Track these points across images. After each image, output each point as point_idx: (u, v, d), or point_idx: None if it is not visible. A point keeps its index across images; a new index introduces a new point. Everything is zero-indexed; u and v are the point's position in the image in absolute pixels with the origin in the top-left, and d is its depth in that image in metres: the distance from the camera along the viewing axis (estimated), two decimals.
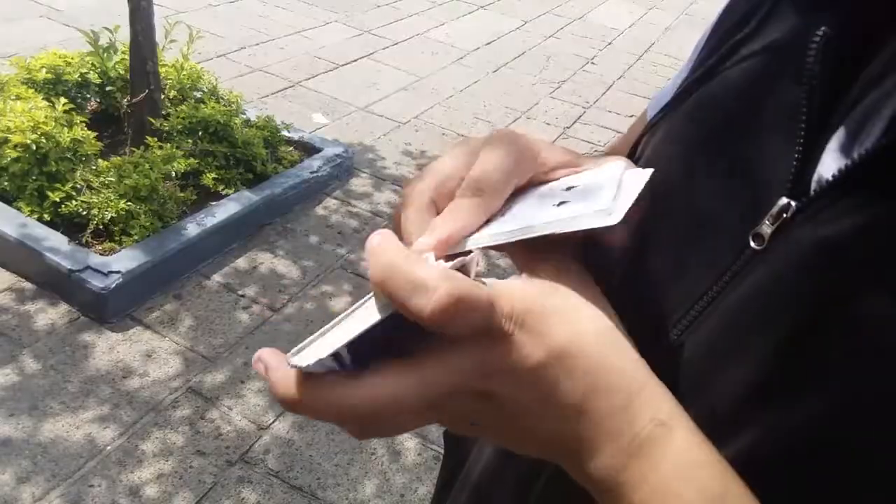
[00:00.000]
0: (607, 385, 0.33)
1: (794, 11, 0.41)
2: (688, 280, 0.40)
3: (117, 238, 2.44)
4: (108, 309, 2.29)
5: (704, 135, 0.43)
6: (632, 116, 4.52)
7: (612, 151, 0.64)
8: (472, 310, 0.31)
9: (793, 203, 0.36)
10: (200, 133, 2.85)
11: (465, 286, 0.30)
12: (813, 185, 0.36)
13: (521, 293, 0.34)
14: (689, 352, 0.39)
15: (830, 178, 0.34)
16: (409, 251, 0.33)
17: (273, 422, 2.08)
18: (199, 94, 3.22)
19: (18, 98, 2.64)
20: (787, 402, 0.33)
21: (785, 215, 0.36)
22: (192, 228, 2.57)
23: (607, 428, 0.33)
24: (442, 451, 2.25)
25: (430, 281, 0.30)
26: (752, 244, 0.37)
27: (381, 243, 0.32)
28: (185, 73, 3.20)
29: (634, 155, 0.51)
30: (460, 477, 0.60)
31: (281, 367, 0.33)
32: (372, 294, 0.34)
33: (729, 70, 0.44)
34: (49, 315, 2.29)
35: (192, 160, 2.72)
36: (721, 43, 0.46)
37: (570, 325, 0.34)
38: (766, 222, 0.37)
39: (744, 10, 0.46)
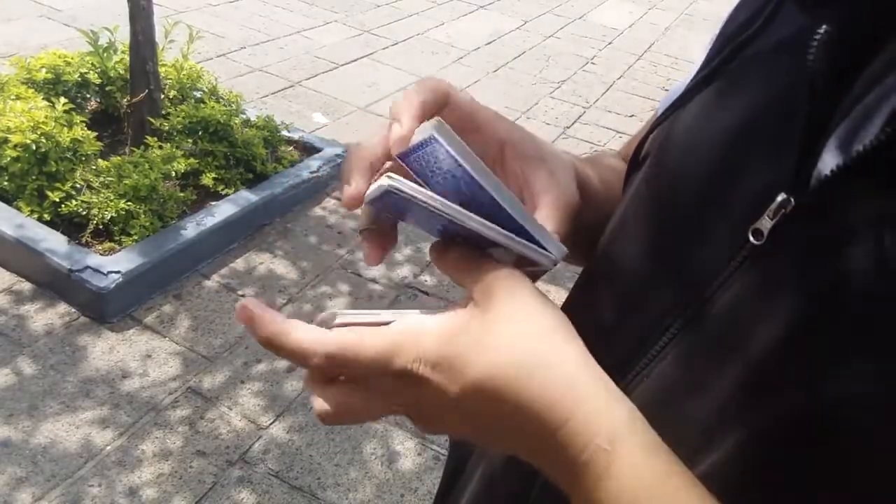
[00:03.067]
0: (528, 418, 0.35)
1: (797, 10, 0.42)
2: (690, 274, 0.41)
3: (117, 238, 2.43)
4: (107, 309, 2.29)
5: (708, 132, 0.44)
6: (632, 116, 4.53)
7: (624, 151, 0.65)
8: (354, 361, 0.37)
9: (792, 199, 0.36)
10: (200, 133, 2.85)
11: (342, 343, 0.37)
12: (812, 181, 0.36)
13: (431, 336, 0.37)
14: (692, 344, 0.40)
15: (829, 174, 0.34)
16: (281, 323, 0.38)
17: (273, 422, 2.08)
18: (198, 94, 3.22)
19: (18, 98, 2.64)
20: (787, 396, 0.34)
21: (784, 210, 0.36)
22: (192, 228, 2.57)
23: (542, 454, 0.36)
24: (442, 451, 2.24)
25: (308, 350, 0.37)
26: (751, 239, 0.37)
27: (255, 317, 0.38)
28: (184, 72, 3.20)
29: (641, 151, 0.52)
30: (463, 478, 0.60)
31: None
32: None
33: (734, 69, 0.44)
34: (48, 315, 2.29)
35: (191, 160, 2.72)
36: (728, 42, 0.46)
37: (486, 359, 0.36)
38: (766, 217, 0.37)
39: (751, 9, 0.46)
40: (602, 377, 0.37)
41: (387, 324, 0.38)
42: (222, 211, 2.69)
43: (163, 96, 2.96)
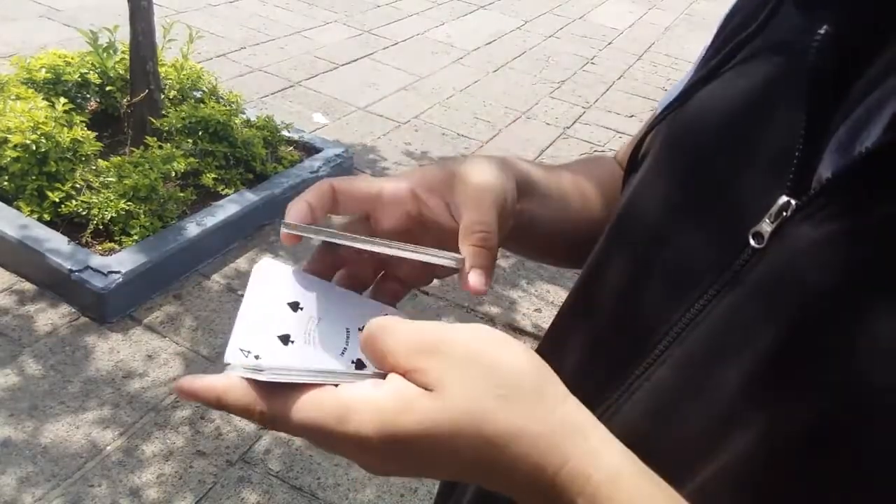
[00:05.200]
0: (520, 473, 0.33)
1: (796, 11, 0.41)
2: (689, 278, 0.41)
3: (117, 238, 2.43)
4: (108, 309, 2.29)
5: (707, 134, 0.44)
6: (632, 116, 4.52)
7: (621, 154, 0.65)
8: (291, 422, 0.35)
9: (793, 201, 0.36)
10: (200, 133, 2.85)
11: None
12: (813, 184, 0.36)
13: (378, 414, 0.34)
14: (691, 348, 0.39)
15: (830, 177, 0.34)
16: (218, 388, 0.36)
17: None
18: (198, 94, 3.22)
19: (18, 98, 2.64)
20: (788, 399, 0.34)
21: (785, 213, 0.36)
22: (192, 228, 2.57)
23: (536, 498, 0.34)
24: None
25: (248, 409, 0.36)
26: (751, 242, 0.37)
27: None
28: (184, 72, 3.20)
29: (639, 152, 0.52)
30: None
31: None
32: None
33: (732, 70, 0.44)
34: (49, 315, 2.29)
35: (191, 160, 2.72)
36: (726, 42, 0.46)
37: (469, 425, 0.33)
38: (766, 220, 0.37)
39: (749, 9, 0.46)
40: (587, 421, 0.35)
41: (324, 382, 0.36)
42: (222, 211, 2.69)
43: (163, 96, 2.96)
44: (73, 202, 2.42)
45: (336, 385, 0.35)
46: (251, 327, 0.41)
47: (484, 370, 0.34)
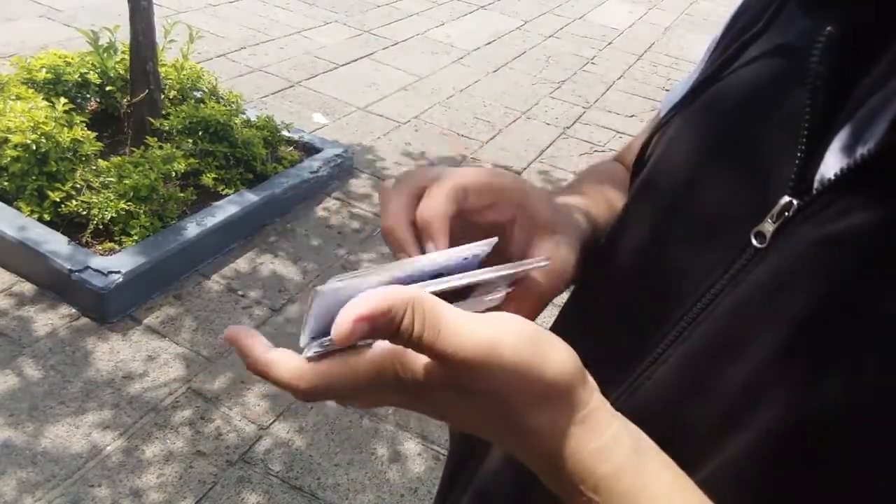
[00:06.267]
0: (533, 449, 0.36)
1: (801, 12, 0.41)
2: (691, 277, 0.41)
3: (117, 238, 2.43)
4: (108, 309, 2.29)
5: (711, 134, 0.44)
6: (632, 116, 4.53)
7: (626, 151, 0.65)
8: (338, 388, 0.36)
9: (795, 202, 0.36)
10: (200, 133, 2.85)
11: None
12: (815, 184, 0.36)
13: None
14: (693, 347, 0.40)
15: (832, 178, 0.34)
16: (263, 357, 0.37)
17: (273, 422, 2.08)
18: (199, 94, 3.22)
19: (18, 98, 2.64)
20: (790, 397, 0.34)
21: (787, 214, 0.36)
22: (192, 228, 2.57)
23: (546, 473, 0.37)
24: (442, 451, 2.23)
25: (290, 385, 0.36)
26: (753, 242, 0.37)
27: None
28: (185, 73, 3.20)
29: (645, 153, 0.52)
30: (463, 476, 0.60)
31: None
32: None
33: (737, 70, 0.44)
34: (49, 315, 2.29)
35: (192, 160, 2.72)
36: (731, 43, 0.46)
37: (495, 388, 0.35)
38: (769, 220, 0.37)
39: (754, 10, 0.46)
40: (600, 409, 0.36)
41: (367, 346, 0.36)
42: (222, 211, 2.69)
43: (163, 96, 2.96)
44: (73, 202, 2.42)
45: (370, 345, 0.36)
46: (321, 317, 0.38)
47: (523, 385, 0.35)
